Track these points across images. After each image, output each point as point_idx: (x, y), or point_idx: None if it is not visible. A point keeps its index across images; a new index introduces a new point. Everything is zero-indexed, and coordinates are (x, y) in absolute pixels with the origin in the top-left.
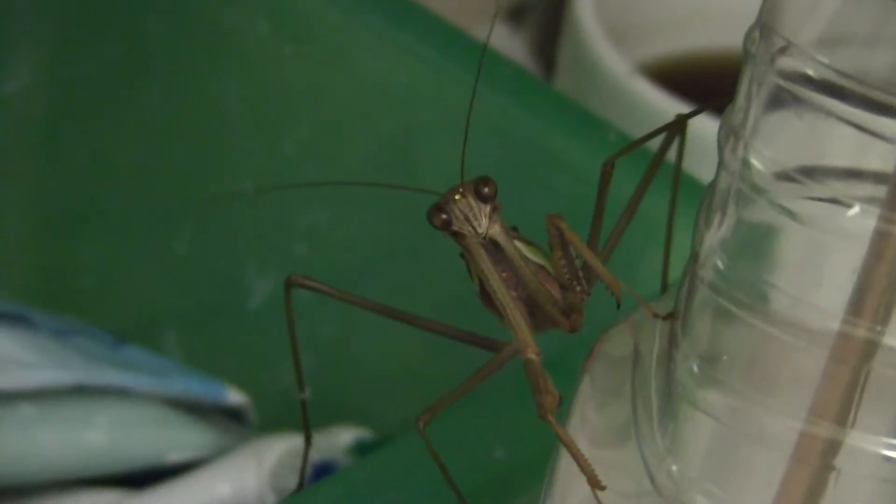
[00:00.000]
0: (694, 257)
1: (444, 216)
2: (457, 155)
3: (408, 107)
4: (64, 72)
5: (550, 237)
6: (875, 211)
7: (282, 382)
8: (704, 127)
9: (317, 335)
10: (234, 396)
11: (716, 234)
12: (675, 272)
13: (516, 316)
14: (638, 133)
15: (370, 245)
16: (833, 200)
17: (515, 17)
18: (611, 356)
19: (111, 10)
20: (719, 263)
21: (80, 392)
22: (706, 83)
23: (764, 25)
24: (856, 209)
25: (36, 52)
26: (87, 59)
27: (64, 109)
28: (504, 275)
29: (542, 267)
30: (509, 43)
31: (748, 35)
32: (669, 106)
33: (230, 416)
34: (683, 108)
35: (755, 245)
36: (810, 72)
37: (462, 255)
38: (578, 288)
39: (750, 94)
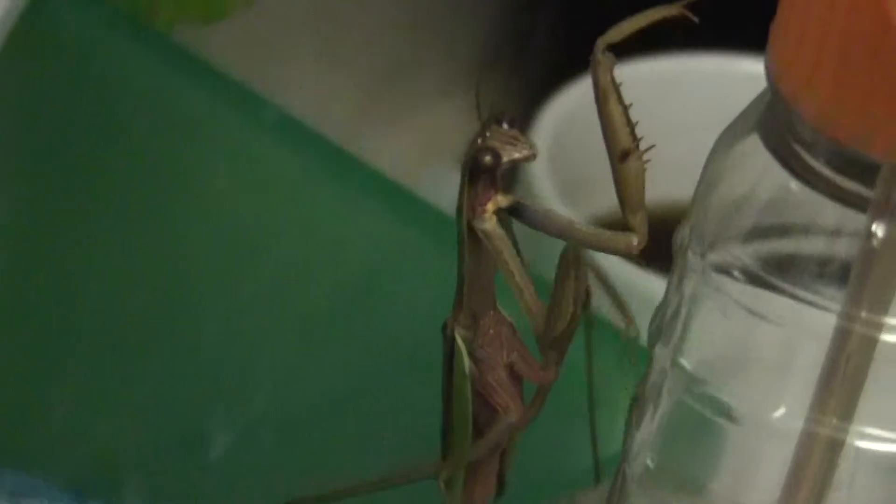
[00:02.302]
0: (624, 454)
1: (492, 150)
2: (412, 302)
3: (365, 255)
4: (25, 215)
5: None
6: (803, 412)
7: None
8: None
9: None
10: None
11: (646, 429)
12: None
13: (533, 296)
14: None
15: (333, 392)
16: (764, 397)
17: None
18: None
19: (70, 162)
20: (649, 461)
21: None
22: (659, 235)
23: (693, 224)
24: (782, 410)
25: None
26: (50, 205)
27: (25, 252)
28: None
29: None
30: None
31: (678, 232)
32: (618, 266)
33: None
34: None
35: (685, 441)
36: (737, 271)
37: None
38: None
39: (680, 290)
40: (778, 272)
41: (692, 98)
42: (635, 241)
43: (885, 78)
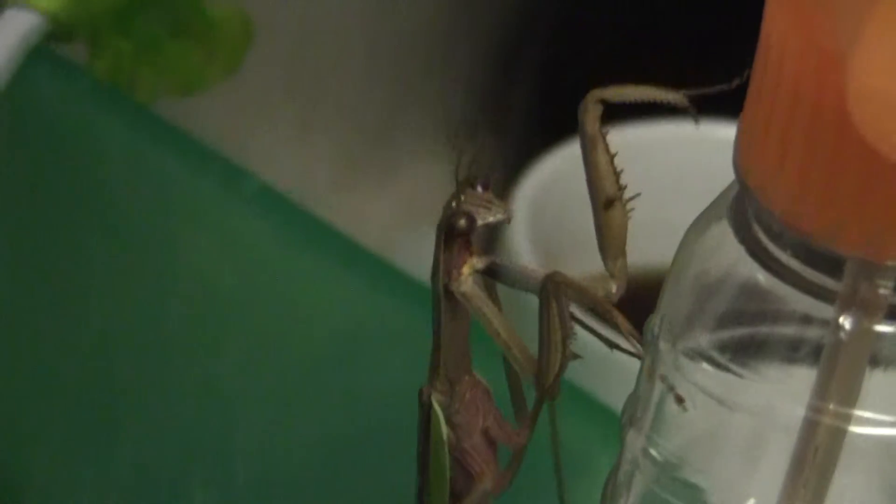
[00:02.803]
0: None
1: (467, 214)
2: (389, 371)
3: (342, 325)
4: (3, 283)
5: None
6: (774, 501)
7: None
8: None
9: None
10: None
11: None
12: None
13: (523, 349)
14: (575, 367)
15: (310, 459)
16: (735, 486)
17: None
18: None
19: (52, 232)
20: None
21: None
22: (638, 299)
23: (664, 312)
24: (752, 501)
25: None
26: (29, 275)
27: (7, 329)
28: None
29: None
30: None
31: (649, 320)
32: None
33: None
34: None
35: None
36: (707, 360)
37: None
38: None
39: (651, 378)
40: (748, 361)
41: (676, 164)
42: (614, 287)
43: (849, 174)
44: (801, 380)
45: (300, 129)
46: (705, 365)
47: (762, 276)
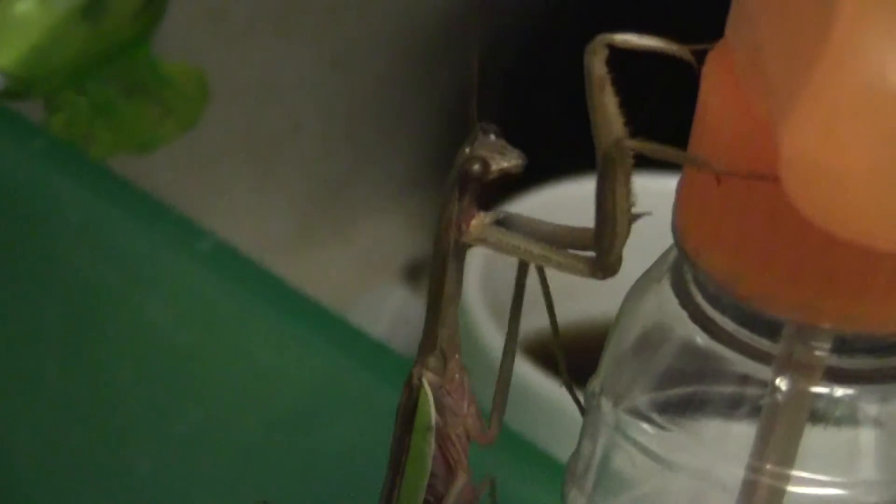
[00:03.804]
0: None
1: (481, 159)
2: (349, 437)
3: (301, 386)
4: None
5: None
6: None
7: None
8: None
9: None
10: None
11: None
12: None
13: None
14: (522, 416)
15: None
16: None
17: (413, 276)
18: None
19: (7, 288)
20: None
21: None
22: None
23: (606, 372)
24: None
25: None
26: None
27: None
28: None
29: None
30: (407, 304)
31: (591, 381)
32: (549, 387)
33: None
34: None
35: None
36: (648, 421)
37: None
38: None
39: (593, 438)
40: (688, 421)
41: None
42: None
43: (784, 241)
44: (740, 439)
45: (258, 185)
46: (646, 425)
47: (700, 338)
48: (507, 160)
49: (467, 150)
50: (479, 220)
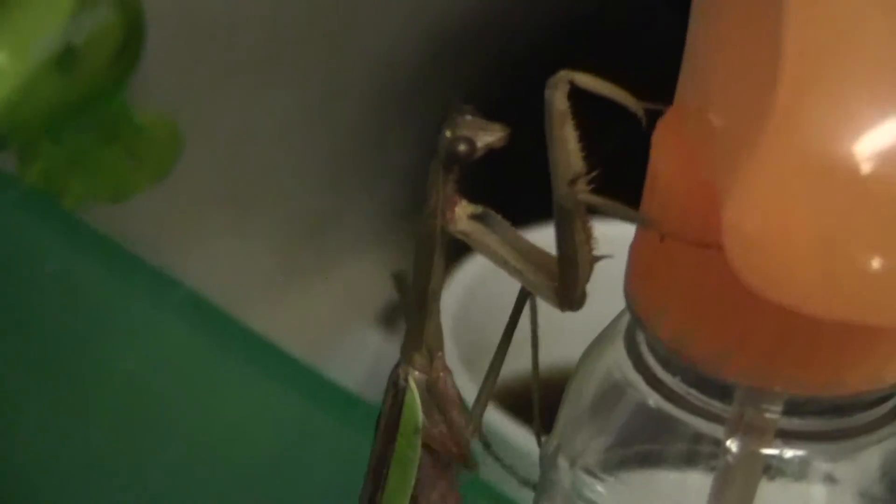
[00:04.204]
0: None
1: (466, 139)
2: (319, 488)
3: (273, 437)
4: None
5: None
6: None
7: None
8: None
9: None
10: None
11: None
12: None
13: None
14: (491, 464)
15: None
16: None
17: (388, 321)
18: None
19: None
20: None
21: None
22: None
23: (561, 432)
24: None
25: None
26: None
27: None
28: None
29: None
30: (382, 347)
31: (546, 441)
32: (522, 437)
33: None
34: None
35: None
36: (602, 482)
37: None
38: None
39: (550, 498)
40: (644, 479)
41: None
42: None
43: (732, 308)
44: (697, 497)
45: (236, 231)
46: (602, 485)
47: (653, 400)
48: (490, 135)
49: (448, 132)
50: (463, 209)
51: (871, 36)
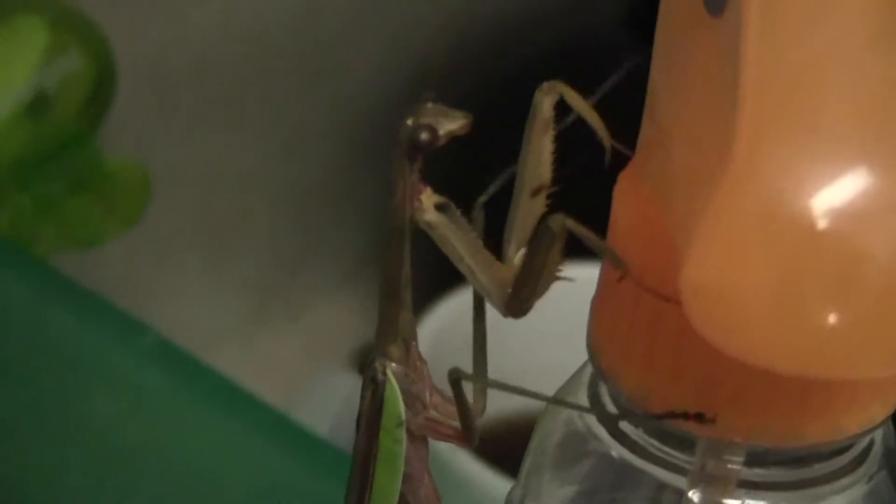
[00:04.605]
0: None
1: (427, 126)
2: None
3: (244, 485)
4: None
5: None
6: None
7: None
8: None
9: None
10: None
11: None
12: None
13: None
14: None
15: None
16: None
17: (358, 364)
18: None
19: None
20: None
21: None
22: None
23: (525, 482)
24: None
25: None
26: None
27: None
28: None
29: None
30: (352, 390)
31: (512, 490)
32: (492, 480)
33: None
34: (498, 479)
35: None
36: None
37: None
38: None
39: None
40: None
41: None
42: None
43: (691, 361)
44: None
45: (208, 274)
46: None
47: (616, 451)
48: (452, 122)
49: (409, 120)
50: (428, 197)
51: (829, 89)
